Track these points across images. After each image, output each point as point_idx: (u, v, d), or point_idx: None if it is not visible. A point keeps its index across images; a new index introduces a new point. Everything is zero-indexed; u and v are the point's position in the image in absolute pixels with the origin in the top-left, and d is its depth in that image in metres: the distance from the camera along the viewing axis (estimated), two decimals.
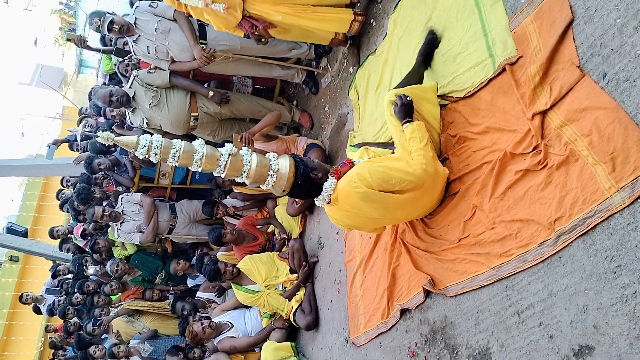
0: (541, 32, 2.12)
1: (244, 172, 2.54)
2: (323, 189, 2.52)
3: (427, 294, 2.55)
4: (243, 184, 5.01)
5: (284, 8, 3.42)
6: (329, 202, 2.56)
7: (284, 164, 2.54)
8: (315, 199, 2.59)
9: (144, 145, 2.42)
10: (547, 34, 2.08)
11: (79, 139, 6.87)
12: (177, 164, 2.50)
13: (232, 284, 4.51)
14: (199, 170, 2.51)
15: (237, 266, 4.42)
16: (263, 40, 3.81)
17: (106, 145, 5.31)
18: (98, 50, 6.26)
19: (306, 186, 2.56)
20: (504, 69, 2.28)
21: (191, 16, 3.71)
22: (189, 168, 2.54)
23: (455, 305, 2.37)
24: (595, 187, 1.76)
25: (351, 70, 4.03)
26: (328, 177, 2.53)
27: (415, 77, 2.77)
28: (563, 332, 1.79)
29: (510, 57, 2.26)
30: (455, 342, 2.33)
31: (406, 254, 2.78)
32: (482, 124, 2.37)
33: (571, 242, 1.81)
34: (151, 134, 4.92)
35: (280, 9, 3.42)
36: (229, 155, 2.51)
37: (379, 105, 3.40)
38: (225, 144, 2.57)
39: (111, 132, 5.32)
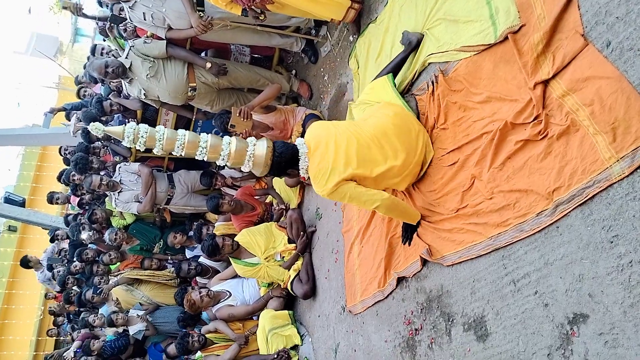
0: (545, 0, 2.08)
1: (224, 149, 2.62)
2: (297, 145, 2.66)
3: (424, 263, 2.57)
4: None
5: None
6: (307, 153, 2.63)
7: (261, 142, 2.67)
8: (300, 168, 2.66)
9: (130, 135, 2.54)
10: (552, 2, 2.04)
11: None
12: (162, 153, 2.62)
13: (230, 259, 4.49)
14: (182, 154, 2.61)
15: (235, 239, 4.42)
16: (261, 17, 3.75)
17: (100, 115, 5.24)
18: (94, 18, 6.18)
19: (286, 153, 2.65)
20: (506, 38, 2.25)
21: None
22: (173, 153, 2.62)
23: (451, 275, 2.39)
24: (595, 157, 1.75)
25: (351, 38, 3.97)
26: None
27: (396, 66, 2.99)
28: (558, 301, 1.81)
29: (513, 26, 2.22)
30: (451, 310, 2.36)
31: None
32: (483, 93, 2.35)
33: (569, 212, 1.82)
34: (149, 106, 4.87)
35: None
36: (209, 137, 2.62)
37: None
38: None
39: (109, 100, 5.22)
